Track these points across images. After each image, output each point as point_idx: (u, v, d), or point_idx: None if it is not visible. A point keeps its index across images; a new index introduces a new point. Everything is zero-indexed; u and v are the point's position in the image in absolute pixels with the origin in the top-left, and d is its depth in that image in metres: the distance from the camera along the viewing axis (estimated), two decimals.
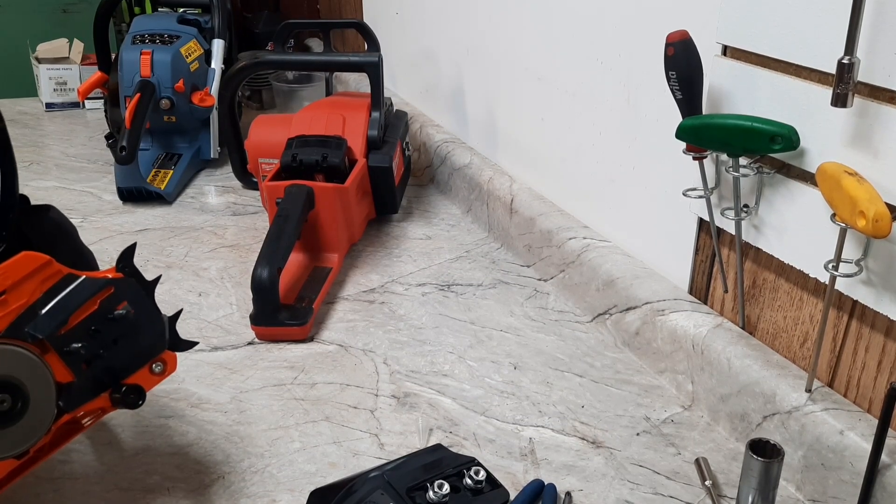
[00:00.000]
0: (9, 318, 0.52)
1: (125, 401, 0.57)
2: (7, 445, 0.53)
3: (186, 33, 1.32)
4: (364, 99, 1.13)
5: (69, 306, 0.54)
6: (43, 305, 0.53)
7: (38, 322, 0.53)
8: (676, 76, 0.67)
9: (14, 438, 0.53)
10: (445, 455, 0.64)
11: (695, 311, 0.78)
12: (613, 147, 0.88)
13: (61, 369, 0.54)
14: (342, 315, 0.92)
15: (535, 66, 1.00)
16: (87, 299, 0.55)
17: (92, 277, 0.55)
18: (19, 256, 0.53)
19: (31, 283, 0.53)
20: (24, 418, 0.53)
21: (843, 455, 0.61)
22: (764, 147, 0.63)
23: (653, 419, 0.75)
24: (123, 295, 0.57)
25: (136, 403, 0.58)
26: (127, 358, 0.57)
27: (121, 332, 0.57)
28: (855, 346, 0.64)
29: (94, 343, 0.55)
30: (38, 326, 0.53)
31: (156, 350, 0.59)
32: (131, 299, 0.57)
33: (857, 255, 0.60)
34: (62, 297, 0.54)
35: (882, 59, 0.55)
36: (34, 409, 0.53)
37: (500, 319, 0.91)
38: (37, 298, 0.53)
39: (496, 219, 1.09)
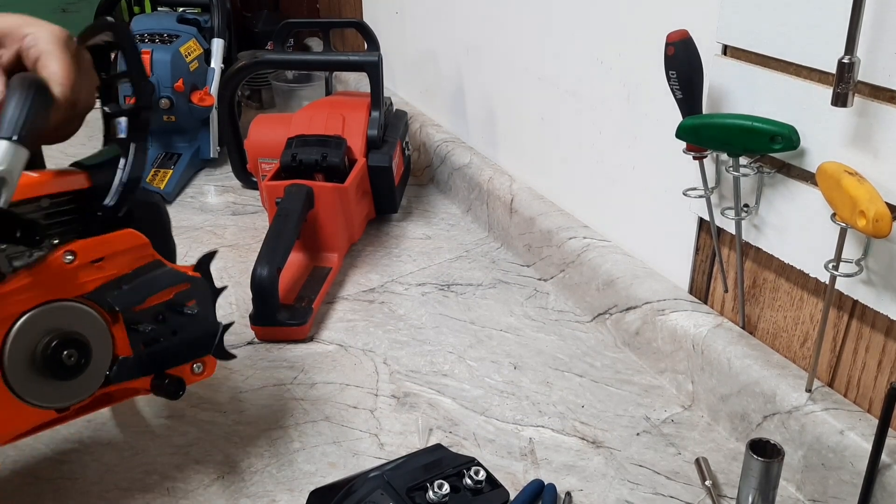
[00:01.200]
0: (97, 283, 0.56)
1: (167, 389, 0.60)
2: (57, 397, 0.55)
3: (186, 33, 1.32)
4: (364, 98, 1.13)
5: (150, 289, 0.58)
6: (128, 281, 0.57)
7: (120, 294, 0.56)
8: (676, 76, 0.67)
9: (64, 393, 0.56)
10: (445, 455, 0.64)
11: (695, 310, 0.78)
12: (613, 147, 0.88)
13: (123, 343, 0.58)
14: (342, 315, 0.92)
15: (535, 66, 1.00)
16: (166, 287, 0.59)
17: (175, 269, 0.60)
18: (125, 232, 0.57)
19: (126, 258, 0.57)
20: (79, 378, 0.55)
21: (844, 455, 0.61)
22: (764, 147, 0.63)
23: (653, 419, 0.75)
24: (195, 293, 0.61)
25: (176, 394, 0.60)
26: (178, 351, 0.61)
27: (182, 326, 0.60)
28: (855, 346, 0.64)
29: (157, 328, 0.59)
30: (119, 298, 0.56)
31: (202, 351, 0.62)
32: (199, 299, 0.61)
33: (857, 254, 0.60)
34: (146, 278, 0.58)
35: (882, 58, 0.55)
36: (89, 372, 0.56)
37: (500, 319, 0.91)
38: (125, 273, 0.57)
39: (496, 218, 1.09)
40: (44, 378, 0.54)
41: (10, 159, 0.48)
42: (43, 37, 0.56)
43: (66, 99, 0.55)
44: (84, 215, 0.58)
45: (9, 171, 0.48)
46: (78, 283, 0.55)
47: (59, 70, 0.55)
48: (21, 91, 0.51)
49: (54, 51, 0.56)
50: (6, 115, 0.49)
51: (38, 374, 0.54)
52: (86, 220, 0.58)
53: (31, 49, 0.56)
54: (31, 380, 0.53)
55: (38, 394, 0.54)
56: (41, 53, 0.56)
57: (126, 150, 0.59)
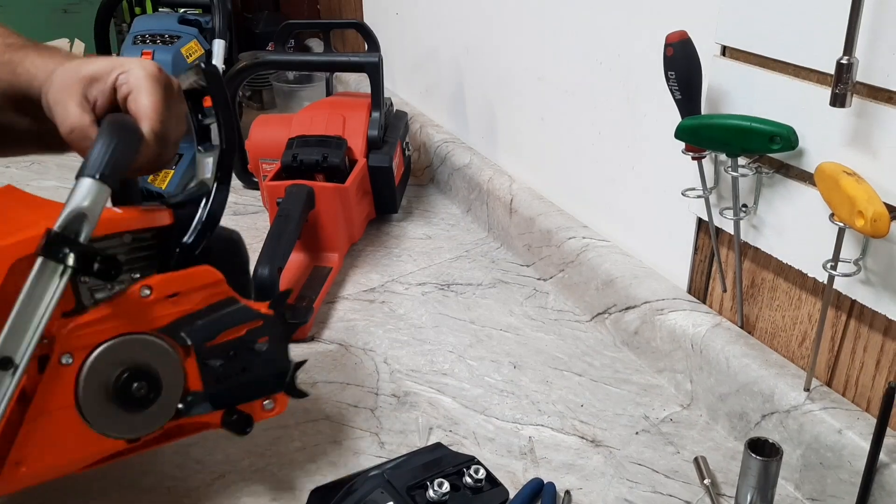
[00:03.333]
0: (172, 317, 0.57)
1: (236, 425, 0.61)
2: (128, 428, 0.57)
3: (187, 33, 1.32)
4: (364, 99, 1.13)
5: (222, 325, 0.59)
6: (202, 317, 0.58)
7: (193, 329, 0.57)
8: (676, 76, 0.68)
9: (135, 424, 0.57)
10: (445, 454, 0.64)
11: (694, 310, 0.78)
12: (613, 147, 0.89)
13: (194, 377, 0.59)
14: (342, 314, 0.92)
15: (535, 66, 1.00)
16: (239, 324, 0.60)
17: (248, 307, 0.60)
18: (201, 268, 0.58)
19: (201, 294, 0.58)
20: (149, 409, 0.56)
21: (842, 454, 0.61)
22: (763, 147, 0.64)
23: (652, 418, 0.75)
24: (267, 331, 0.61)
25: (244, 431, 0.61)
26: (249, 387, 0.61)
27: (252, 363, 0.61)
28: (853, 346, 0.64)
29: (229, 364, 0.60)
30: (192, 333, 0.57)
31: (273, 389, 0.63)
32: (272, 337, 0.62)
33: (855, 254, 0.60)
34: (220, 315, 0.59)
35: (881, 59, 0.56)
36: (160, 404, 0.57)
37: (500, 319, 0.91)
38: (199, 308, 0.58)
39: (496, 218, 1.09)
40: (115, 408, 0.55)
41: (92, 197, 0.50)
42: (134, 73, 0.57)
43: (156, 133, 0.57)
44: (164, 251, 0.59)
45: (90, 209, 0.50)
46: (153, 316, 0.56)
47: (150, 104, 0.56)
48: (110, 131, 0.53)
49: (145, 86, 0.57)
50: (93, 153, 0.51)
51: (110, 405, 0.55)
52: (165, 255, 0.59)
53: (123, 86, 0.57)
54: (103, 410, 0.55)
55: (109, 424, 0.56)
56: (132, 89, 0.57)
57: (209, 190, 0.61)
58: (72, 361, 0.53)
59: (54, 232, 0.49)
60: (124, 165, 0.52)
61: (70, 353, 0.53)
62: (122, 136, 0.53)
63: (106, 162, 0.51)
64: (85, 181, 0.50)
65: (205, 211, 0.61)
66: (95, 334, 0.54)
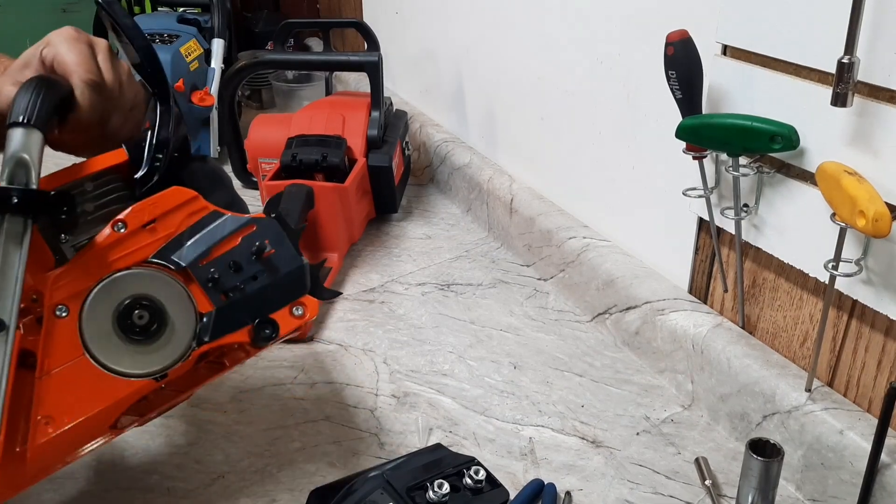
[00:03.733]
0: (155, 245, 0.57)
1: (257, 334, 0.60)
2: (145, 363, 0.56)
3: (186, 33, 1.32)
4: (364, 98, 1.13)
5: (211, 239, 0.58)
6: (188, 237, 0.58)
7: (182, 251, 0.57)
8: (676, 76, 0.67)
9: (152, 358, 0.56)
10: (445, 454, 0.64)
11: (695, 310, 0.78)
12: (613, 147, 0.88)
13: (202, 299, 0.58)
14: (342, 315, 0.92)
15: (535, 66, 1.00)
16: (229, 234, 0.59)
17: (235, 216, 0.59)
18: (169, 190, 0.58)
19: (179, 216, 0.58)
20: (161, 339, 0.56)
21: (843, 454, 0.61)
22: (764, 146, 0.63)
23: (652, 419, 0.75)
24: (265, 234, 0.60)
25: (269, 337, 0.60)
26: (266, 296, 0.60)
27: (260, 269, 0.59)
28: (855, 346, 0.64)
29: (233, 276, 0.59)
30: (182, 255, 0.57)
31: (296, 292, 0.61)
32: (272, 239, 0.60)
33: (856, 254, 0.60)
34: (206, 230, 0.58)
35: (882, 58, 0.55)
36: (173, 333, 0.57)
37: (500, 319, 0.91)
38: (183, 230, 0.58)
39: (496, 218, 1.09)
40: (124, 344, 0.55)
41: (25, 141, 0.50)
42: (52, 40, 0.59)
43: (88, 82, 0.57)
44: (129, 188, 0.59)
45: (27, 153, 0.49)
46: (136, 249, 0.56)
47: (72, 58, 0.58)
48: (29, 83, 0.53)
49: (63, 47, 0.58)
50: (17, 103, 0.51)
51: (119, 342, 0.55)
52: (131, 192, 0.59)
53: (48, 56, 0.59)
54: (112, 348, 0.55)
55: (124, 362, 0.55)
56: (55, 55, 0.58)
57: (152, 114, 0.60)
58: (67, 313, 0.54)
59: (2, 186, 0.48)
60: (50, 108, 0.52)
61: (62, 304, 0.54)
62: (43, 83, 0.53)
63: (29, 106, 0.51)
64: (15, 130, 0.50)
65: (153, 135, 0.60)
66: (82, 280, 0.54)
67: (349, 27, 1.46)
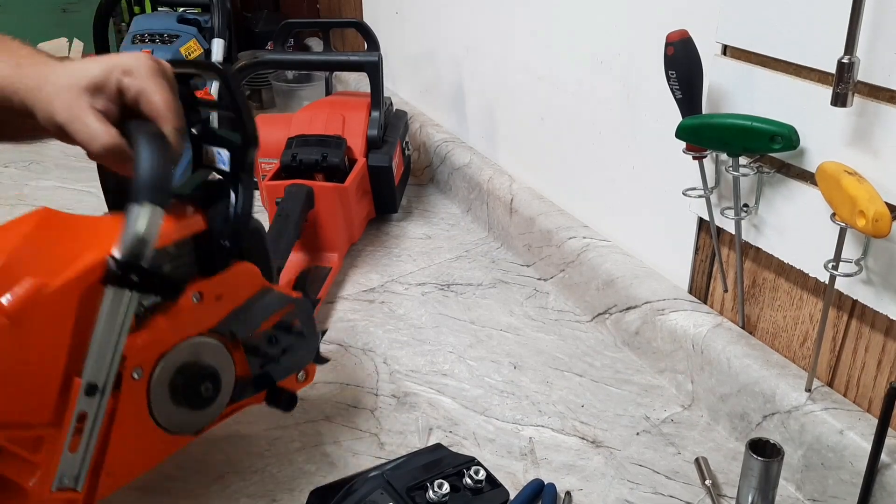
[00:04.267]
0: (220, 316, 0.60)
1: (281, 402, 0.66)
2: (194, 424, 0.61)
3: (186, 33, 1.32)
4: (364, 98, 1.13)
5: (263, 315, 0.63)
6: (245, 310, 0.62)
7: (239, 323, 0.61)
8: (676, 76, 0.67)
9: (200, 419, 0.61)
10: (445, 454, 0.64)
11: (695, 310, 0.78)
12: (613, 147, 0.88)
13: (243, 366, 0.63)
14: (342, 315, 0.92)
15: (535, 66, 1.00)
16: (277, 311, 0.64)
17: (282, 294, 0.65)
18: (241, 267, 0.62)
19: (243, 291, 0.62)
20: (213, 404, 0.61)
21: (843, 454, 0.61)
22: (764, 146, 0.63)
23: (652, 419, 0.75)
24: (299, 312, 0.66)
25: (291, 406, 0.66)
26: (287, 365, 0.66)
27: (290, 343, 0.66)
28: (855, 346, 0.64)
29: (270, 347, 0.64)
30: (239, 327, 0.61)
31: (306, 361, 0.68)
32: (303, 319, 0.67)
33: (856, 254, 0.60)
34: (259, 306, 0.63)
35: (882, 58, 0.55)
36: (220, 397, 0.61)
37: (500, 319, 0.91)
38: (242, 304, 0.62)
39: (496, 218, 1.09)
40: (183, 410, 0.59)
41: (150, 221, 0.51)
42: (137, 73, 0.56)
43: (177, 129, 0.56)
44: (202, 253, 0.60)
45: (149, 233, 0.51)
46: (204, 318, 0.59)
47: (163, 103, 0.56)
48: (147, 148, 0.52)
49: (152, 85, 0.56)
50: (140, 176, 0.51)
51: (179, 407, 0.59)
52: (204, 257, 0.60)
53: (130, 89, 0.56)
54: (172, 412, 0.58)
55: (178, 424, 0.59)
56: (140, 90, 0.56)
57: (234, 186, 0.61)
58: (142, 374, 0.56)
59: (120, 261, 0.50)
60: (169, 180, 0.53)
61: (140, 367, 0.56)
62: (160, 150, 0.53)
63: (155, 184, 0.51)
64: (140, 207, 0.50)
65: (235, 209, 0.61)
66: (159, 345, 0.57)
67: (349, 27, 1.46)
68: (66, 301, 0.51)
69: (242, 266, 0.62)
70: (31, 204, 1.17)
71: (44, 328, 0.50)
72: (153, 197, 0.51)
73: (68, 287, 0.51)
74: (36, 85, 0.56)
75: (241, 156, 0.61)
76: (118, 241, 0.50)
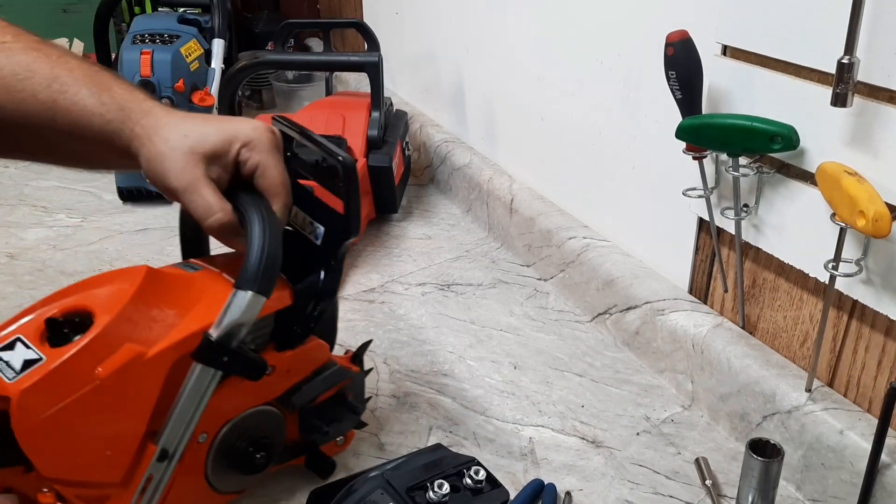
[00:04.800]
0: (285, 387, 0.61)
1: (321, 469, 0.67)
2: (241, 486, 0.62)
3: (186, 33, 1.32)
4: (364, 99, 1.13)
5: (323, 388, 0.64)
6: (306, 382, 0.62)
7: (300, 395, 0.62)
8: (676, 76, 0.67)
9: (247, 483, 0.62)
10: (445, 455, 0.64)
11: (695, 310, 0.78)
12: (613, 147, 0.88)
13: (293, 431, 0.64)
14: (342, 315, 0.92)
15: (535, 66, 1.00)
16: (335, 385, 0.65)
17: (342, 368, 0.65)
18: (315, 345, 0.62)
19: (309, 364, 0.63)
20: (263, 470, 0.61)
21: (843, 455, 0.61)
22: (764, 147, 0.63)
23: (653, 419, 0.75)
24: (354, 386, 0.67)
25: (329, 472, 0.67)
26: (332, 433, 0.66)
27: (340, 415, 0.66)
28: (855, 346, 0.64)
29: (323, 418, 0.65)
30: (300, 398, 0.62)
31: (348, 429, 0.69)
32: (356, 391, 0.68)
33: (856, 254, 0.60)
34: (321, 378, 0.63)
35: (881, 58, 0.55)
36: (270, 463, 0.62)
37: (500, 319, 0.91)
38: (304, 377, 0.62)
39: (496, 218, 1.09)
40: (236, 474, 0.60)
41: (250, 309, 0.52)
42: (258, 147, 0.56)
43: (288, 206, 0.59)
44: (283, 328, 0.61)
45: (247, 320, 0.52)
46: (271, 389, 0.60)
47: (280, 181, 0.57)
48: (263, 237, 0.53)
49: (271, 161, 0.57)
50: (250, 264, 0.52)
51: (232, 471, 0.60)
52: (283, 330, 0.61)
53: (249, 162, 0.56)
54: (225, 476, 0.60)
55: (228, 486, 0.60)
56: (259, 165, 0.56)
57: (324, 265, 0.62)
58: (206, 439, 0.57)
59: (213, 341, 0.51)
60: (277, 269, 0.53)
61: (205, 432, 0.57)
62: (273, 237, 0.53)
63: (263, 275, 0.52)
64: (245, 294, 0.51)
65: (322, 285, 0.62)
66: (226, 413, 0.58)
67: (349, 28, 1.46)
68: (158, 370, 0.52)
69: (315, 342, 0.62)
70: (32, 204, 1.17)
71: (134, 394, 0.51)
72: (260, 287, 0.52)
73: (162, 357, 0.52)
74: (146, 136, 0.55)
75: (339, 241, 0.62)
76: (216, 322, 0.51)
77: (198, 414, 0.53)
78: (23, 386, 0.48)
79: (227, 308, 0.52)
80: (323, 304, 0.61)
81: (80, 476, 0.51)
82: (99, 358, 0.49)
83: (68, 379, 0.49)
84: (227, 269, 0.59)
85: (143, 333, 0.52)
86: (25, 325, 0.51)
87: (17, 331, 0.51)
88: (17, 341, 0.50)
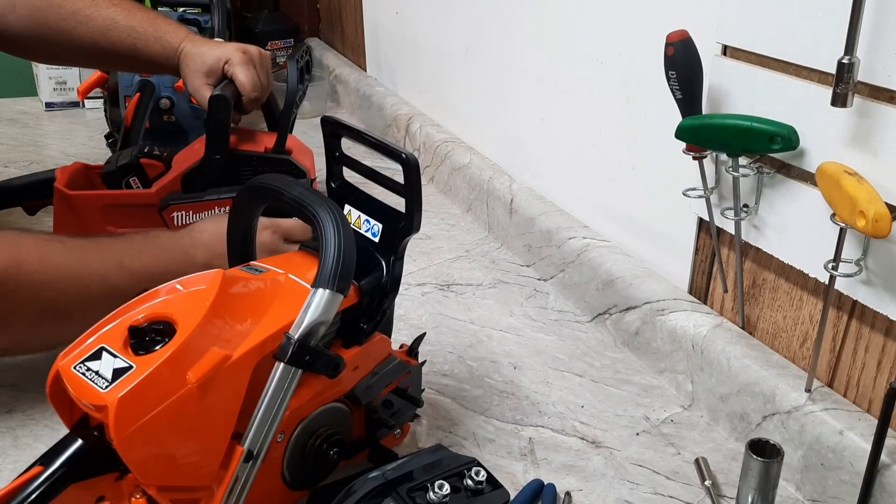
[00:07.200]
0: (352, 383, 0.62)
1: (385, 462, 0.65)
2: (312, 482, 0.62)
3: None
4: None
5: (386, 382, 0.66)
6: (372, 378, 0.64)
7: (366, 390, 0.63)
8: (676, 76, 0.67)
9: (318, 479, 0.62)
10: (445, 455, 0.64)
11: (694, 310, 0.78)
12: (613, 147, 0.88)
13: (359, 426, 0.65)
14: None
15: (535, 66, 1.00)
16: (396, 379, 0.66)
17: (402, 362, 0.67)
18: (379, 340, 0.64)
19: (374, 360, 0.64)
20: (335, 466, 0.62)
21: (843, 455, 0.61)
22: (763, 147, 0.63)
23: (652, 419, 0.75)
24: (412, 379, 0.69)
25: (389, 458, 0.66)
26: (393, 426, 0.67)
27: (401, 407, 0.68)
28: (855, 346, 0.64)
29: (384, 412, 0.66)
30: (365, 394, 0.63)
31: (406, 421, 0.70)
32: (415, 384, 0.70)
33: (856, 254, 0.60)
34: (384, 373, 0.65)
35: (882, 58, 0.55)
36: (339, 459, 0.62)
37: (500, 319, 0.91)
38: (369, 372, 0.64)
39: (496, 218, 1.09)
40: (309, 470, 0.61)
41: (329, 307, 0.54)
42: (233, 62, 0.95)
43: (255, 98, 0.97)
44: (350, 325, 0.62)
45: (326, 318, 0.54)
46: (340, 385, 0.61)
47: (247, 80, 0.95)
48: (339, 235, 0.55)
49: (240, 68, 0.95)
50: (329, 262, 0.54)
51: (306, 468, 0.60)
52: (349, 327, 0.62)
53: (228, 71, 0.96)
54: (300, 473, 0.60)
55: (301, 482, 0.61)
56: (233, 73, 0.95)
57: (386, 261, 0.65)
58: (283, 438, 0.58)
59: (295, 340, 0.52)
60: (353, 268, 0.55)
61: (283, 431, 0.58)
62: (348, 237, 0.55)
63: (340, 274, 0.54)
64: (324, 293, 0.53)
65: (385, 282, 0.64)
66: (302, 411, 0.58)
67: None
68: (243, 372, 0.53)
69: (378, 337, 0.64)
70: None
71: (223, 397, 0.52)
72: (337, 286, 0.54)
73: (246, 359, 0.53)
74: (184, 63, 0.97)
75: (400, 237, 0.64)
76: (297, 322, 0.53)
77: (280, 414, 0.53)
78: (119, 394, 0.48)
79: (306, 308, 0.53)
80: (387, 299, 0.63)
81: (176, 480, 0.51)
82: (187, 364, 0.50)
83: (161, 385, 0.49)
84: (291, 268, 0.60)
85: (224, 337, 0.53)
86: (108, 333, 0.52)
87: (100, 340, 0.51)
88: (102, 350, 0.51)
